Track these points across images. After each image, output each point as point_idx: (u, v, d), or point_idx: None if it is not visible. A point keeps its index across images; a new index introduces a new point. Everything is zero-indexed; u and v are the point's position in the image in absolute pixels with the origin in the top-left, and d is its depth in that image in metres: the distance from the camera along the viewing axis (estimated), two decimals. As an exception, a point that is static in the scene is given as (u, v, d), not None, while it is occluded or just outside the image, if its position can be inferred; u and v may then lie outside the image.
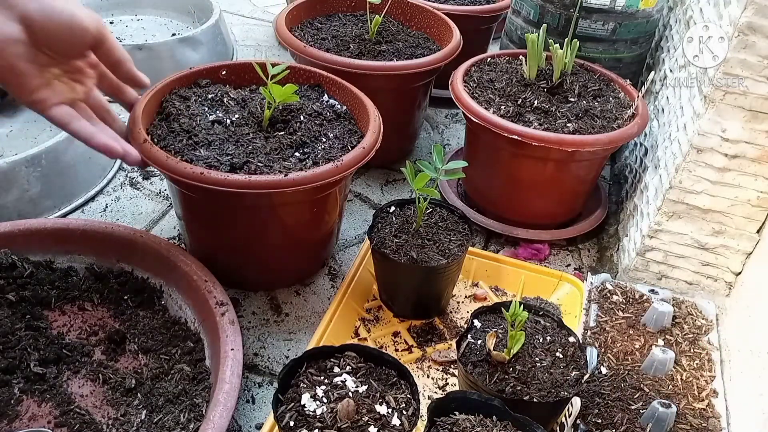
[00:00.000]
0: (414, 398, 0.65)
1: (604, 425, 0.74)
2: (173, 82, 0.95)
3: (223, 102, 0.95)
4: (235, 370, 0.71)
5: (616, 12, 1.14)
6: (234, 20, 1.83)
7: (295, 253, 0.96)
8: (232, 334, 0.76)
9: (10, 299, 0.81)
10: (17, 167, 0.99)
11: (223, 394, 0.68)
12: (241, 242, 0.91)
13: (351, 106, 1.00)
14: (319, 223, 0.94)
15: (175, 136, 0.86)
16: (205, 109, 0.93)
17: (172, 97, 0.93)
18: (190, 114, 0.90)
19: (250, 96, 0.98)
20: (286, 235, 0.92)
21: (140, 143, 0.80)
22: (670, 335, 0.88)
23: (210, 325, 0.79)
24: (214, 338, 0.77)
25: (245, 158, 0.83)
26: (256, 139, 0.88)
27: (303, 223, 0.92)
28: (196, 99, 0.94)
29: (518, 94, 1.07)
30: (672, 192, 0.92)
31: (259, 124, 0.92)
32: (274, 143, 0.88)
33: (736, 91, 0.82)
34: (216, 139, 0.87)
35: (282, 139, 0.89)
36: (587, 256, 1.12)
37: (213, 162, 0.82)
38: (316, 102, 1.00)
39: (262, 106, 0.94)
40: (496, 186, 1.12)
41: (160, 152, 0.79)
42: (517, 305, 0.71)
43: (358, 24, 1.29)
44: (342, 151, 0.88)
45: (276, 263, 0.96)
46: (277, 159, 0.85)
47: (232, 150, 0.85)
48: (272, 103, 0.89)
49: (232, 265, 0.93)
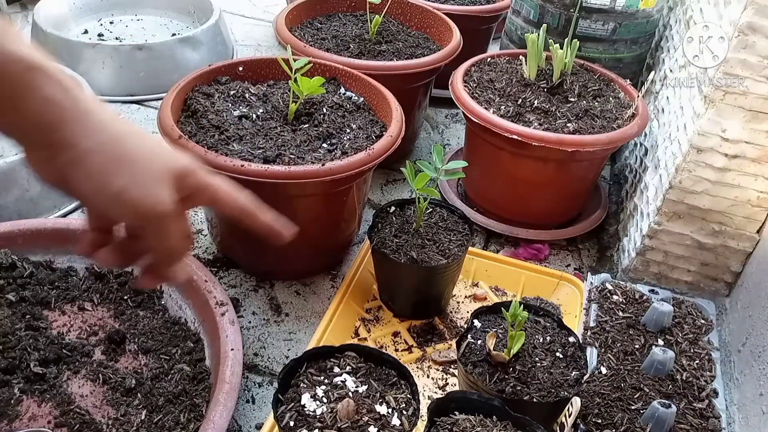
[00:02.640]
0: (414, 398, 0.65)
1: (604, 425, 0.74)
2: (194, 80, 0.97)
3: (245, 97, 0.98)
4: (235, 370, 0.71)
5: (616, 12, 1.14)
6: (234, 20, 1.83)
7: (325, 242, 0.99)
8: (232, 334, 0.76)
9: (10, 299, 0.81)
10: (17, 167, 0.99)
11: (223, 394, 0.68)
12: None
13: (368, 98, 1.03)
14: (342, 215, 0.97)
15: (205, 132, 0.89)
16: (229, 105, 0.95)
17: (195, 95, 0.95)
18: (216, 110, 0.93)
19: (270, 91, 1.01)
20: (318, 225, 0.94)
21: (176, 140, 0.83)
22: (670, 335, 0.88)
23: (210, 325, 0.79)
24: (214, 338, 0.77)
25: (277, 151, 0.86)
26: (284, 132, 0.91)
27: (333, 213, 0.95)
28: (219, 96, 0.97)
29: (518, 94, 1.07)
30: (672, 192, 0.91)
31: (284, 117, 0.95)
32: (301, 135, 0.91)
33: (736, 91, 0.82)
34: (246, 134, 0.89)
35: (308, 131, 0.92)
36: (587, 256, 1.12)
37: (246, 155, 0.85)
38: (335, 95, 1.02)
39: (284, 100, 0.97)
40: (496, 186, 1.12)
41: (198, 147, 0.82)
42: (517, 305, 0.71)
43: (358, 24, 1.29)
44: (367, 141, 0.91)
45: (308, 252, 0.98)
46: (308, 151, 0.88)
47: (263, 143, 0.88)
48: (299, 96, 0.92)
49: (262, 257, 0.96)
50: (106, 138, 0.45)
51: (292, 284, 0.99)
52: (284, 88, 1.02)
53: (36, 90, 0.42)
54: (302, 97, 0.92)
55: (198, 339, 0.82)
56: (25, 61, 0.41)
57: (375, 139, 0.92)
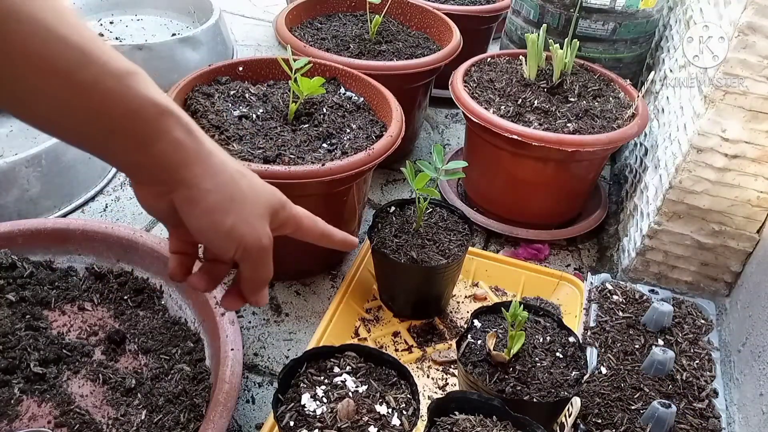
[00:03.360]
0: (414, 398, 0.65)
1: (604, 425, 0.74)
2: (194, 80, 0.97)
3: (245, 98, 0.98)
4: (235, 370, 0.71)
5: (616, 12, 1.14)
6: (234, 20, 1.83)
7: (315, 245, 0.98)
8: (232, 334, 0.76)
9: (10, 299, 0.81)
10: (17, 167, 0.99)
11: (223, 394, 0.68)
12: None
13: (368, 98, 1.03)
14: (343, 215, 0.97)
15: (205, 132, 0.88)
16: (229, 105, 0.95)
17: (195, 94, 0.95)
18: (216, 110, 0.93)
19: (270, 91, 1.01)
20: None
21: None
22: (670, 335, 0.88)
23: (210, 325, 0.79)
24: (214, 338, 0.77)
25: (277, 151, 0.86)
26: (284, 132, 0.91)
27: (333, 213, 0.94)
28: (219, 96, 0.97)
29: (518, 94, 1.07)
30: (672, 192, 0.91)
31: (284, 117, 0.95)
32: (301, 135, 0.91)
33: (736, 91, 0.82)
34: (246, 134, 0.89)
35: (308, 131, 0.92)
36: (587, 256, 1.12)
37: (247, 155, 0.85)
38: (335, 95, 1.02)
39: (284, 100, 0.97)
40: (496, 186, 1.12)
41: None
42: (517, 305, 0.71)
43: (358, 24, 1.29)
44: (367, 141, 0.91)
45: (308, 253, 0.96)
46: (308, 151, 0.88)
47: (263, 143, 0.88)
48: (298, 96, 0.92)
49: None
50: (224, 179, 0.49)
51: (292, 284, 0.99)
52: (284, 88, 1.02)
53: (166, 133, 0.45)
54: (302, 97, 0.92)
55: (198, 339, 0.81)
56: (159, 107, 0.44)
57: (375, 139, 0.92)
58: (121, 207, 1.11)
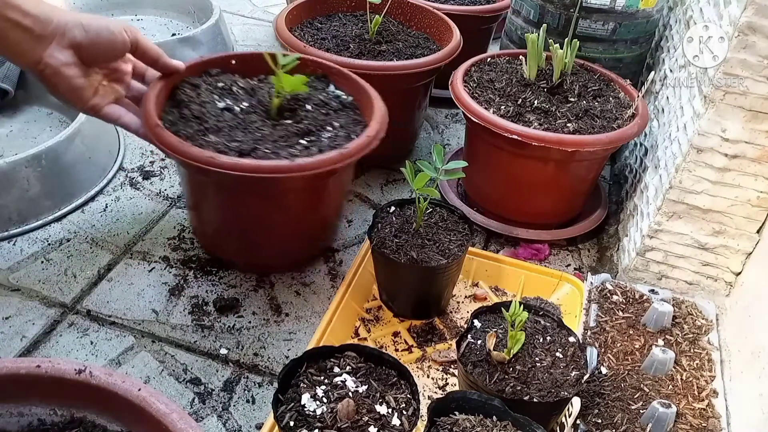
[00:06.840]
0: (414, 398, 0.65)
1: (604, 425, 0.74)
2: (185, 71, 0.97)
3: (233, 90, 0.97)
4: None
5: (616, 12, 1.14)
6: (234, 20, 1.83)
7: (293, 238, 0.99)
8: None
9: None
10: (17, 167, 0.98)
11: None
12: (243, 226, 0.94)
13: (357, 97, 1.02)
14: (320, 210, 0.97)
15: (186, 122, 0.89)
16: (215, 97, 0.95)
17: (183, 85, 0.95)
18: (200, 101, 0.92)
19: (259, 85, 1.00)
20: (288, 219, 0.94)
21: (153, 127, 0.83)
22: (670, 335, 0.88)
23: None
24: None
25: (253, 144, 0.86)
26: (264, 126, 0.90)
27: (305, 209, 0.95)
28: (206, 87, 0.96)
29: (518, 94, 1.07)
30: (672, 192, 0.91)
31: (267, 112, 0.94)
32: (281, 131, 0.90)
33: (736, 91, 0.82)
34: (225, 126, 0.89)
35: (289, 127, 0.91)
36: (587, 256, 1.12)
37: (222, 148, 0.84)
38: (323, 92, 1.01)
39: (270, 95, 0.96)
40: (496, 186, 1.12)
41: (172, 137, 0.82)
42: (517, 305, 0.71)
43: (358, 24, 1.29)
44: (347, 140, 0.90)
45: (275, 246, 0.99)
46: (284, 146, 0.87)
47: (241, 137, 0.87)
48: (281, 92, 0.92)
49: (231, 247, 0.98)
50: (74, 16, 0.79)
51: (292, 284, 0.99)
52: (273, 83, 1.01)
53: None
54: (284, 93, 0.92)
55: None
56: None
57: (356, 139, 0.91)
58: (121, 207, 1.11)
